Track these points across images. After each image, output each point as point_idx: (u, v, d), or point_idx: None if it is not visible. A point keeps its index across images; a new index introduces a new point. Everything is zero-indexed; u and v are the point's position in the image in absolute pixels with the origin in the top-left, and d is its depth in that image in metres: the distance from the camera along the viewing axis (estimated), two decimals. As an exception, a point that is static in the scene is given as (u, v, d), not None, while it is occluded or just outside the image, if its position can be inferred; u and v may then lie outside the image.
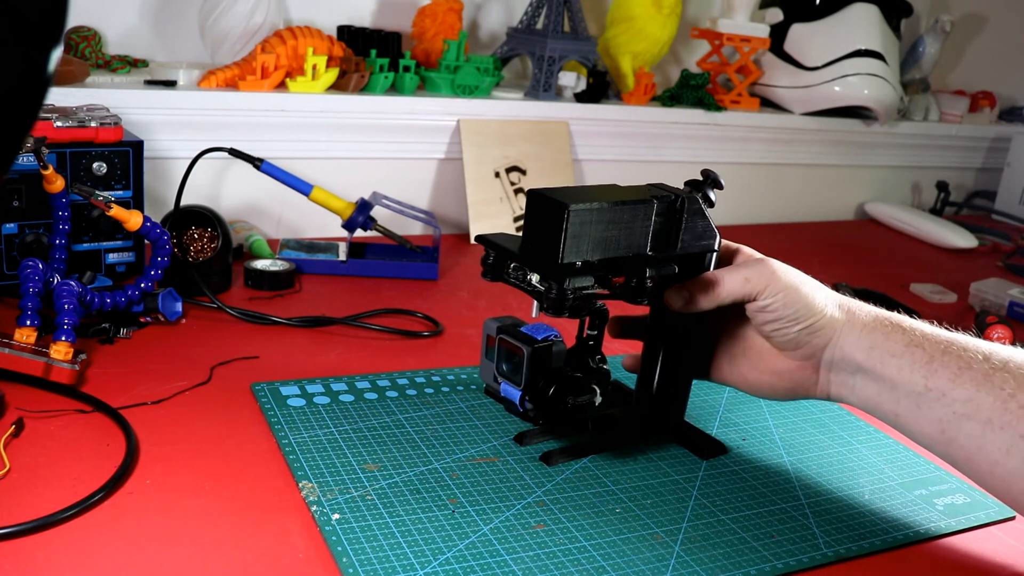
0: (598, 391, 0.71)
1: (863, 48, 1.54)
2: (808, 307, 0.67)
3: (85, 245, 0.95)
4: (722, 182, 0.71)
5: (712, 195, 0.71)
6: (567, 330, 0.75)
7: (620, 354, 0.92)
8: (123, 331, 0.85)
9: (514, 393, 0.70)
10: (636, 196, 0.66)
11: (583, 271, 0.63)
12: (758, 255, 0.71)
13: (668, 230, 0.68)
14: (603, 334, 0.72)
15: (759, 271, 0.68)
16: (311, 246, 1.14)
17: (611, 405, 0.80)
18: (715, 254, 0.71)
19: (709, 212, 0.69)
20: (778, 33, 1.60)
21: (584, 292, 0.65)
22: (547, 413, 0.69)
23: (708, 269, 0.71)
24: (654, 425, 0.75)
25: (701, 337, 0.74)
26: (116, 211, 0.86)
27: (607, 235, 0.64)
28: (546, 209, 0.62)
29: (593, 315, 0.71)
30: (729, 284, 0.68)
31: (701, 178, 0.71)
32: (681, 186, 0.71)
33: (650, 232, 0.66)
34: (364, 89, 1.25)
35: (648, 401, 0.74)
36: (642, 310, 0.73)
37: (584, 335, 0.72)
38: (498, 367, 0.72)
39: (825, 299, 0.68)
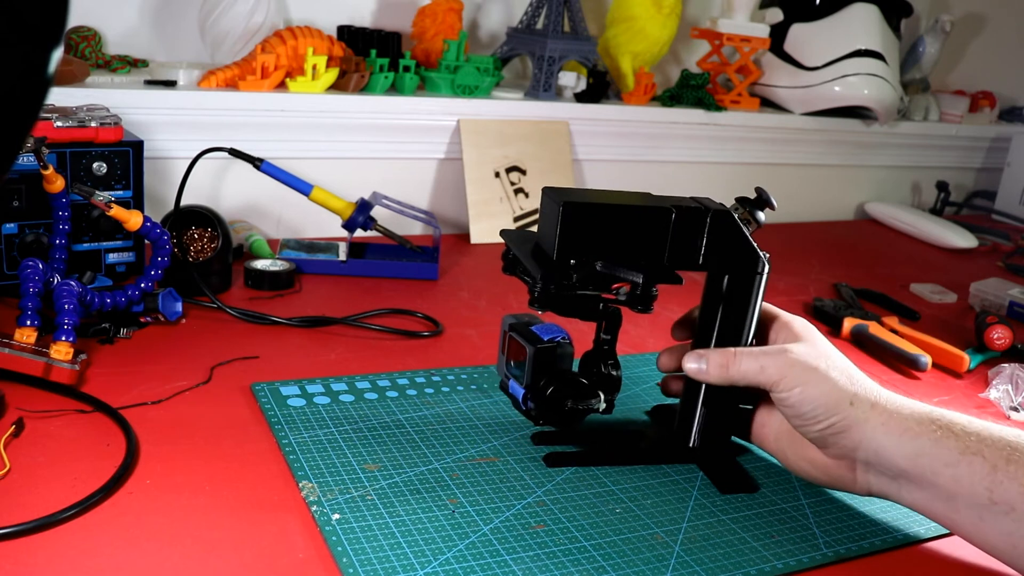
0: (602, 396, 0.70)
1: (863, 48, 1.54)
2: (827, 406, 0.62)
3: (85, 245, 0.95)
4: (773, 202, 0.68)
5: (760, 215, 0.68)
6: (583, 332, 0.75)
7: (622, 354, 0.92)
8: (123, 331, 0.85)
9: (518, 391, 0.70)
10: (655, 204, 0.65)
11: (575, 269, 0.63)
12: (798, 329, 0.67)
13: (691, 243, 0.66)
14: (616, 339, 0.71)
15: (776, 361, 0.64)
16: (311, 246, 1.14)
17: (665, 424, 0.78)
18: (761, 279, 0.68)
19: (751, 233, 0.67)
20: (778, 33, 1.60)
21: (575, 292, 0.64)
22: (548, 414, 0.69)
23: (755, 295, 0.68)
24: (682, 453, 0.73)
25: (739, 398, 0.71)
26: (116, 211, 0.86)
27: (618, 240, 0.64)
28: (548, 206, 0.64)
29: (607, 319, 0.70)
30: (744, 367, 0.65)
31: (754, 195, 0.69)
32: (731, 200, 0.68)
33: (668, 242, 0.65)
34: (364, 89, 1.25)
35: (685, 431, 0.72)
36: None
37: (600, 339, 0.71)
38: (507, 363, 0.72)
39: (852, 394, 0.63)
